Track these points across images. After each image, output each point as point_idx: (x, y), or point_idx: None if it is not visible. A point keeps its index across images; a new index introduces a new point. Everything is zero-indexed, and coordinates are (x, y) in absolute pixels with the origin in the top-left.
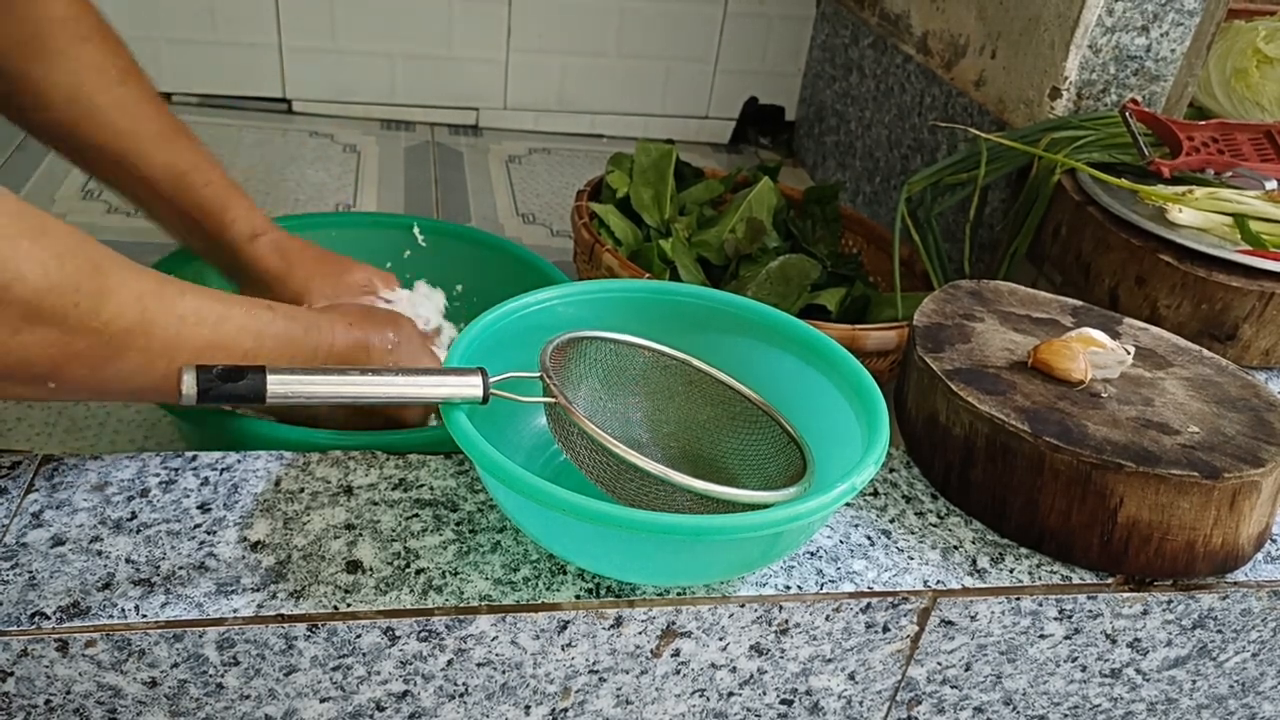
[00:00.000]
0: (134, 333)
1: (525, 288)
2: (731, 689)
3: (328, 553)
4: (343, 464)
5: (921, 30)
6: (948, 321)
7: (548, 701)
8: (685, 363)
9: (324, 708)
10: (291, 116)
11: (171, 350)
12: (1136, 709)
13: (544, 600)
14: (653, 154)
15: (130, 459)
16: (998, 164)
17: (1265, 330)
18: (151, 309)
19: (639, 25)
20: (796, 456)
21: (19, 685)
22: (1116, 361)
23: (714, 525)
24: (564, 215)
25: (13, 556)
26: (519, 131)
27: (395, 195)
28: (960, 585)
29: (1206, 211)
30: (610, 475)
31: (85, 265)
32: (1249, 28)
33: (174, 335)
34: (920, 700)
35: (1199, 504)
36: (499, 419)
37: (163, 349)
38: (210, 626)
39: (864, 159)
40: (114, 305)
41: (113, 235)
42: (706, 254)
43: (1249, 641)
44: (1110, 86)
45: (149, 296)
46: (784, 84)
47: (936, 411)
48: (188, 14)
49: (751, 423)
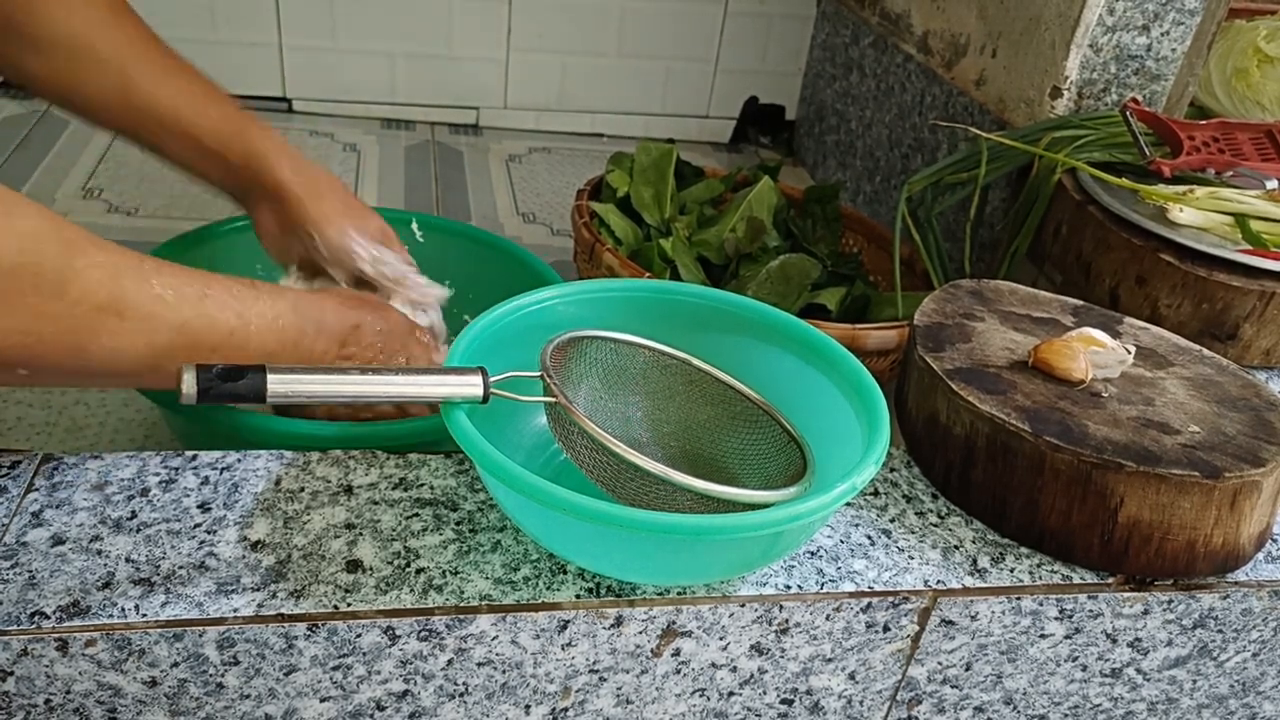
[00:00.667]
0: (107, 312)
1: (519, 285)
2: (732, 688)
3: (328, 552)
4: (343, 463)
5: (922, 29)
6: (948, 321)
7: (548, 701)
8: (685, 362)
9: (324, 707)
10: (292, 116)
11: (149, 330)
12: (1137, 709)
13: (544, 600)
14: (653, 153)
15: (130, 458)
16: (998, 163)
17: (1266, 330)
18: (126, 287)
19: (639, 24)
20: (797, 456)
21: (19, 685)
22: (1117, 361)
23: (714, 525)
24: (564, 214)
25: (12, 556)
26: (519, 131)
27: (395, 194)
28: (961, 585)
29: (1207, 211)
30: (611, 475)
31: (56, 244)
32: (1250, 27)
33: (150, 314)
34: (920, 700)
35: (1200, 504)
36: (499, 418)
37: (139, 329)
38: (210, 626)
39: (864, 158)
40: (84, 284)
41: (113, 235)
42: (707, 253)
43: (1249, 641)
44: (1111, 86)
45: (124, 275)
46: (784, 83)
47: (937, 411)
48: (187, 13)
49: (752, 422)
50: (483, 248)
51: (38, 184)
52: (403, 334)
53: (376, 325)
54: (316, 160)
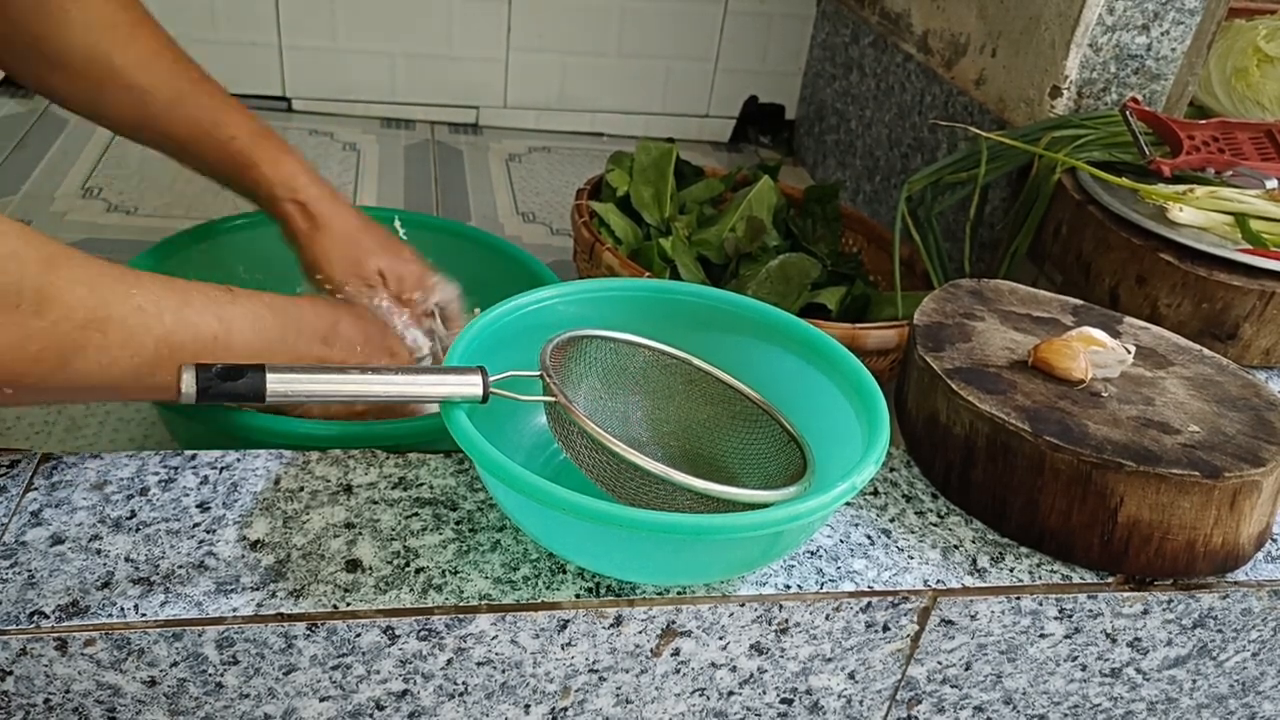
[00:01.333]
0: (89, 328)
1: (507, 280)
2: (731, 688)
3: (327, 552)
4: (342, 463)
5: (922, 29)
6: (948, 320)
7: (547, 701)
8: (685, 361)
9: (323, 707)
10: (291, 115)
11: (132, 342)
12: (1136, 708)
13: (544, 599)
14: (653, 153)
15: (129, 458)
16: (998, 163)
17: (1266, 329)
18: (108, 302)
19: (639, 24)
20: (796, 455)
21: (18, 684)
22: (1117, 361)
23: (714, 525)
24: (564, 214)
25: (12, 555)
26: (519, 130)
27: (395, 193)
28: (960, 584)
29: (1207, 210)
30: (610, 474)
31: (35, 263)
32: (1250, 26)
33: (133, 327)
34: (920, 699)
35: (1199, 503)
36: (499, 418)
37: (122, 342)
38: (209, 625)
39: (864, 158)
40: (66, 301)
41: (112, 234)
42: (707, 253)
43: (1249, 641)
44: (1111, 85)
45: (104, 289)
46: (784, 83)
47: (937, 411)
48: (188, 12)
49: (751, 421)
50: (464, 242)
51: (37, 183)
52: (382, 330)
53: (355, 323)
54: (317, 159)
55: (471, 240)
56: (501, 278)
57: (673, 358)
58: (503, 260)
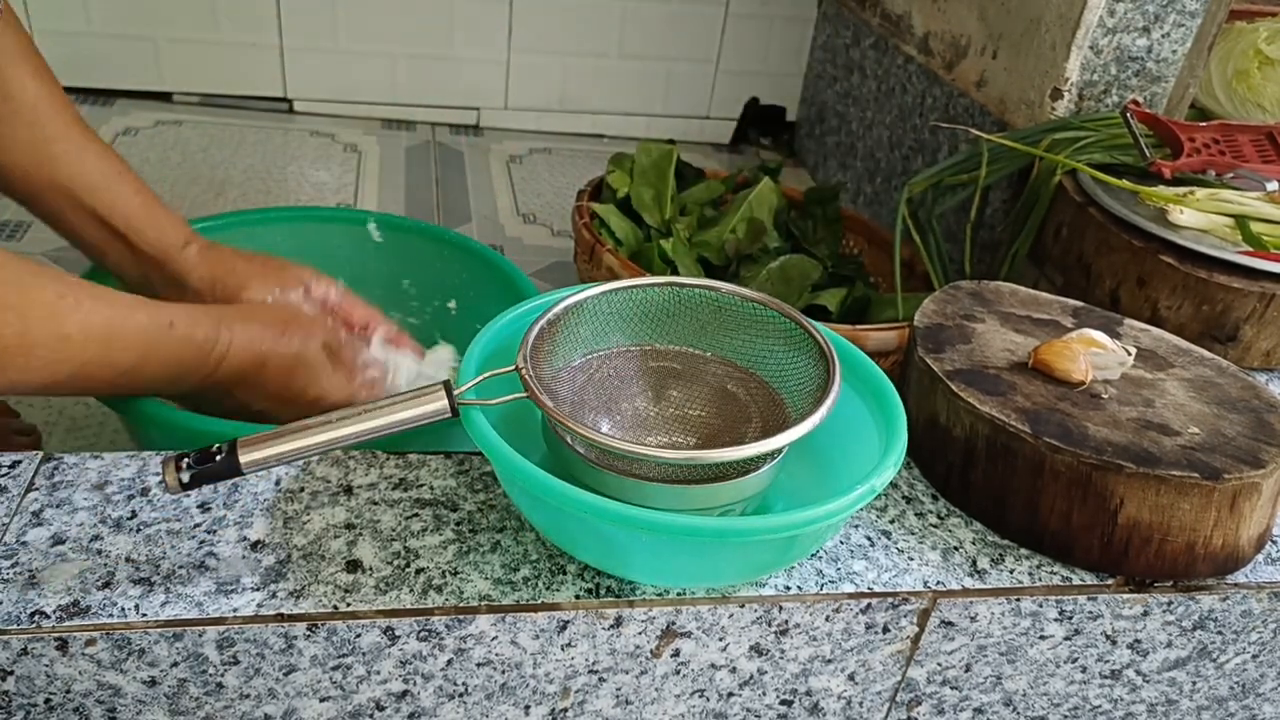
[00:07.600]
0: (12, 353)
1: (482, 284)
2: (731, 689)
3: (327, 552)
4: (342, 464)
5: (923, 31)
6: (948, 322)
7: (547, 701)
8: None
9: (324, 707)
10: (293, 116)
11: (51, 367)
12: (1137, 710)
13: (544, 600)
14: (653, 154)
15: (130, 458)
16: (999, 165)
17: (1266, 331)
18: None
19: (640, 26)
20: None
21: (19, 684)
22: (1117, 362)
23: (734, 528)
24: (565, 215)
25: (13, 555)
26: (520, 131)
27: (396, 195)
28: (960, 586)
29: (1207, 213)
30: (598, 451)
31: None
32: (1250, 29)
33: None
34: (920, 701)
35: (1199, 505)
36: (522, 413)
37: (43, 366)
38: (210, 626)
39: (865, 159)
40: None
41: None
42: (707, 254)
43: (1249, 643)
44: (1111, 87)
45: (33, 319)
46: (785, 84)
47: (937, 412)
48: (189, 14)
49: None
50: (438, 244)
51: None
52: (317, 365)
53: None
54: (318, 160)
55: (447, 243)
56: (476, 279)
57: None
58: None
